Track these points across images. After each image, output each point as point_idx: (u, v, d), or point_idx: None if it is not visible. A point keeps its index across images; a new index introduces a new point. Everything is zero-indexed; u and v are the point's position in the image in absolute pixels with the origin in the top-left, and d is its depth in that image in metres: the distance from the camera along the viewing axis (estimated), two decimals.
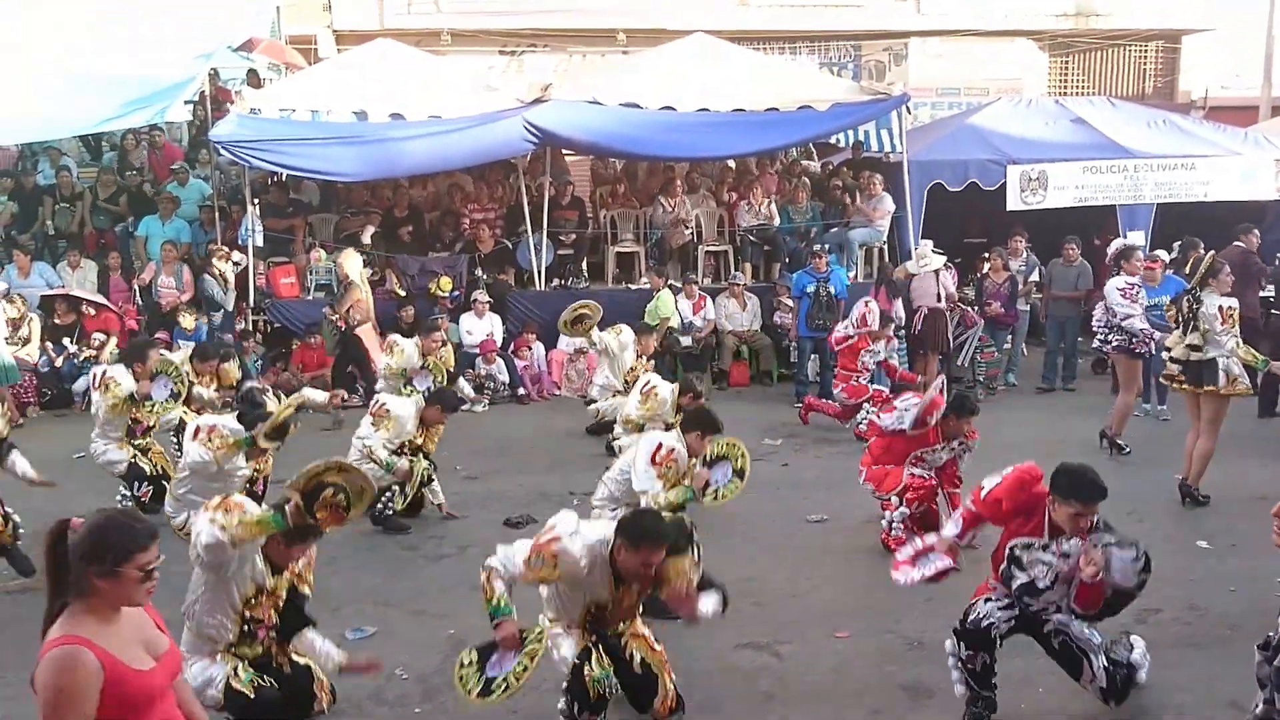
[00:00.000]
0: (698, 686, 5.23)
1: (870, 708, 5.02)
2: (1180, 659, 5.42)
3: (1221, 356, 7.55)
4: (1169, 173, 13.88)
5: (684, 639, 5.73)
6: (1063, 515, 4.57)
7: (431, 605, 6.23)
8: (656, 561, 4.30)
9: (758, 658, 5.59)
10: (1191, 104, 20.94)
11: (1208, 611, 6.00)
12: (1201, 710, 4.98)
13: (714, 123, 12.40)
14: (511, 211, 13.21)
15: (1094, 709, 4.95)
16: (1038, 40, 20.89)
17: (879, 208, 13.11)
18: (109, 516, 2.98)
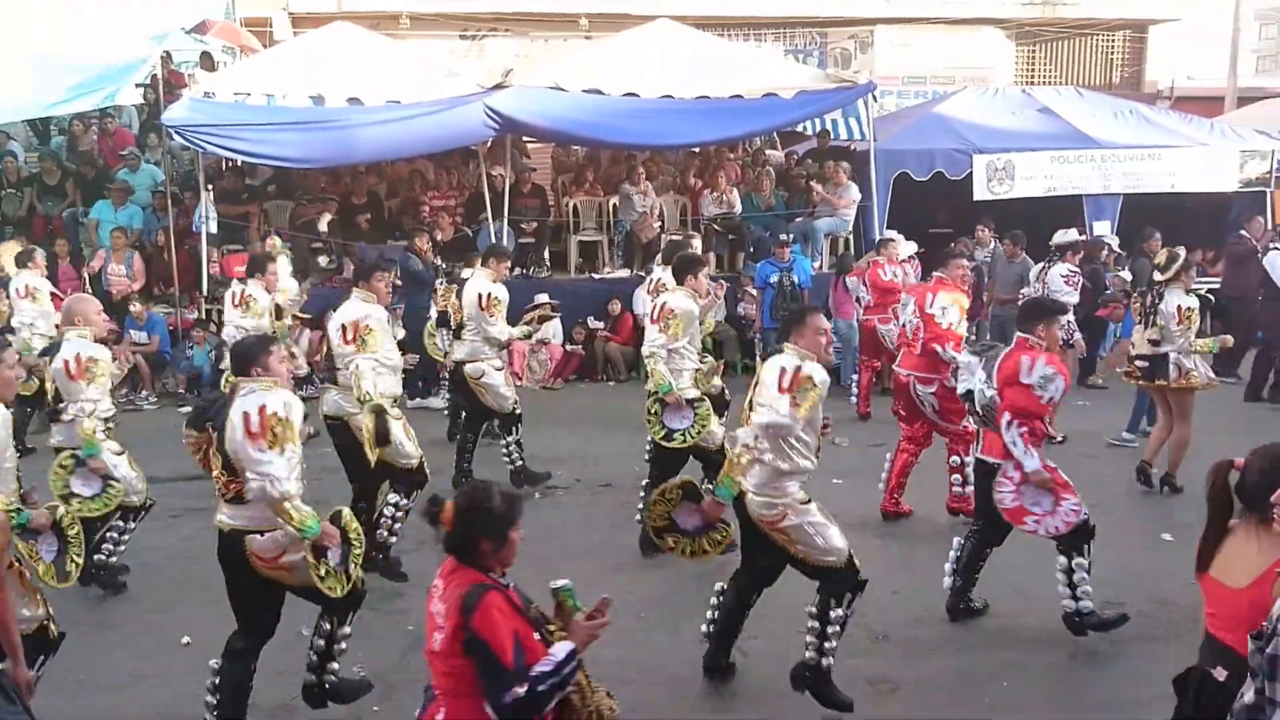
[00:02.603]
0: (660, 683, 5.24)
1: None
2: (1145, 652, 5.47)
3: (1173, 351, 7.68)
4: (1135, 163, 13.93)
5: (650, 638, 5.75)
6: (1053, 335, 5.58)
7: (389, 601, 6.10)
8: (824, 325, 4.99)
9: None
10: (1158, 94, 21.09)
11: (1172, 605, 6.01)
12: (1167, 702, 4.90)
13: (678, 110, 12.25)
14: (472, 199, 13.02)
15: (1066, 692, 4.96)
16: (1005, 29, 20.95)
17: (844, 197, 13.03)
18: None
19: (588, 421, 10.41)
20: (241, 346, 4.67)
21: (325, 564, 4.43)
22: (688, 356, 6.78)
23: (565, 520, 7.61)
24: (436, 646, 3.19)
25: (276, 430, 4.26)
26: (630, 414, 10.73)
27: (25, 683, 3.62)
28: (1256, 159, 14.34)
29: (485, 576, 3.22)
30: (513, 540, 3.30)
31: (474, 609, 3.09)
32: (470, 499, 3.31)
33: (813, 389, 4.75)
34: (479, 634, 3.07)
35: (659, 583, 6.46)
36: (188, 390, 11.58)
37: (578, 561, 6.72)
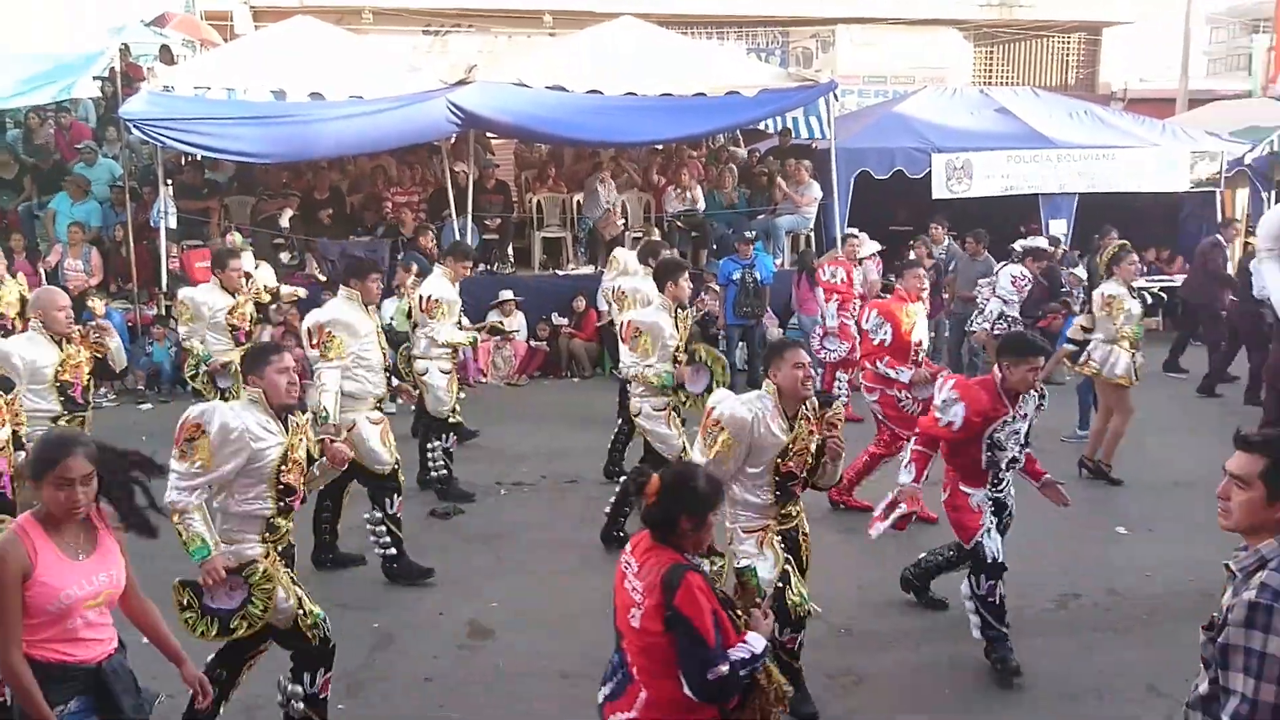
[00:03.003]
0: None
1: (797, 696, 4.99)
2: (1099, 643, 5.54)
3: (1098, 338, 7.96)
4: (1090, 163, 14.16)
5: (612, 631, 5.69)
6: (1019, 375, 5.13)
7: (356, 598, 6.07)
8: (804, 360, 4.64)
9: None
10: (1111, 95, 21.39)
11: (1126, 597, 6.11)
12: (1120, 693, 5.07)
13: (641, 107, 12.28)
14: (435, 195, 12.98)
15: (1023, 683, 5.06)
16: (963, 30, 21.17)
17: (806, 195, 13.14)
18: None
19: (553, 418, 10.43)
20: (245, 355, 4.61)
21: (188, 595, 4.14)
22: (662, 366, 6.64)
23: (531, 516, 7.61)
24: (635, 623, 3.26)
25: (193, 440, 4.09)
26: (595, 410, 10.77)
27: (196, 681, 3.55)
28: (1206, 160, 14.63)
29: (682, 556, 3.30)
30: (710, 524, 3.36)
31: (677, 588, 3.15)
32: (677, 476, 3.40)
33: (720, 432, 4.51)
34: (682, 612, 3.13)
35: None
36: (147, 387, 11.46)
37: (543, 557, 6.77)
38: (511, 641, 5.62)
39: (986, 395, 5.18)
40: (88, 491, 3.14)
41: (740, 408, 4.55)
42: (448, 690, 5.05)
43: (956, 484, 5.32)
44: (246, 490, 4.21)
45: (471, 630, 5.67)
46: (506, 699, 5.04)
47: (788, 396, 4.60)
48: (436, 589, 6.25)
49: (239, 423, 4.13)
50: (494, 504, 7.89)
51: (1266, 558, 2.75)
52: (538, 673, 5.27)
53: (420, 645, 5.54)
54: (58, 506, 3.12)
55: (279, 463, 4.21)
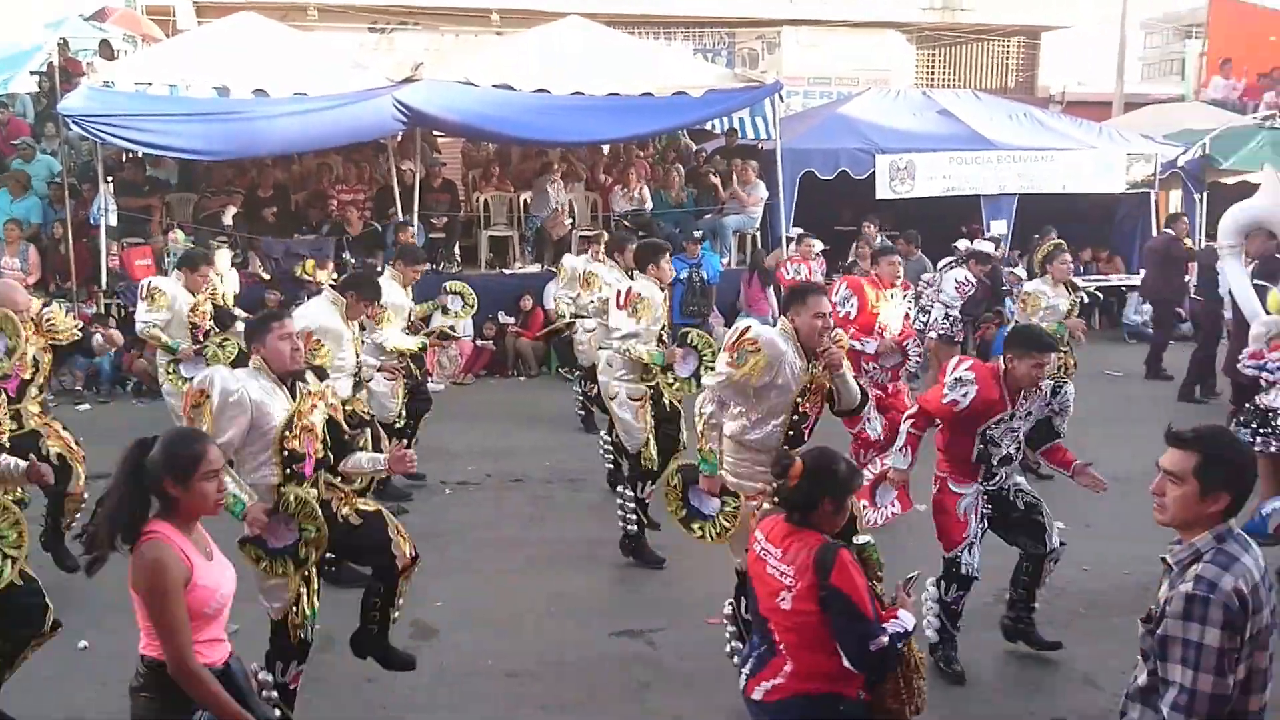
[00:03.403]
0: (571, 677, 5.25)
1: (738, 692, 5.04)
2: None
3: None
4: (1029, 164, 14.43)
5: (558, 629, 5.78)
6: (1023, 370, 4.98)
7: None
8: (826, 310, 4.68)
9: (631, 645, 5.60)
10: (1050, 98, 21.78)
11: (1063, 591, 6.16)
12: (1059, 686, 5.17)
13: (589, 106, 12.30)
14: (381, 193, 12.88)
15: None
16: (906, 33, 21.43)
17: (752, 194, 13.25)
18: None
19: (498, 417, 10.41)
20: (248, 324, 4.56)
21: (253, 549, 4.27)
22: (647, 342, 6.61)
23: (476, 516, 7.59)
24: (786, 605, 3.35)
25: (199, 406, 4.17)
26: (541, 409, 10.81)
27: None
28: (1141, 162, 14.99)
29: (825, 537, 3.41)
30: (847, 506, 3.53)
31: (831, 566, 3.28)
32: (819, 460, 3.52)
33: (754, 352, 4.57)
34: (840, 589, 3.26)
35: (570, 578, 6.48)
36: (85, 388, 11.27)
37: (489, 557, 6.75)
38: (457, 641, 5.59)
39: (998, 387, 5.05)
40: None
41: (775, 334, 4.66)
42: (390, 691, 5.01)
43: (946, 482, 5.22)
44: (254, 459, 4.27)
45: (415, 630, 5.62)
46: (451, 699, 5.03)
47: (804, 340, 4.68)
48: None
49: (237, 385, 4.19)
50: (439, 503, 7.86)
51: (1201, 551, 2.81)
52: (483, 672, 5.27)
53: None
54: (205, 500, 3.10)
55: (283, 428, 4.23)
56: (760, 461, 4.67)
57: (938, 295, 9.87)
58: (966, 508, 5.15)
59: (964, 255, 10.20)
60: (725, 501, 4.83)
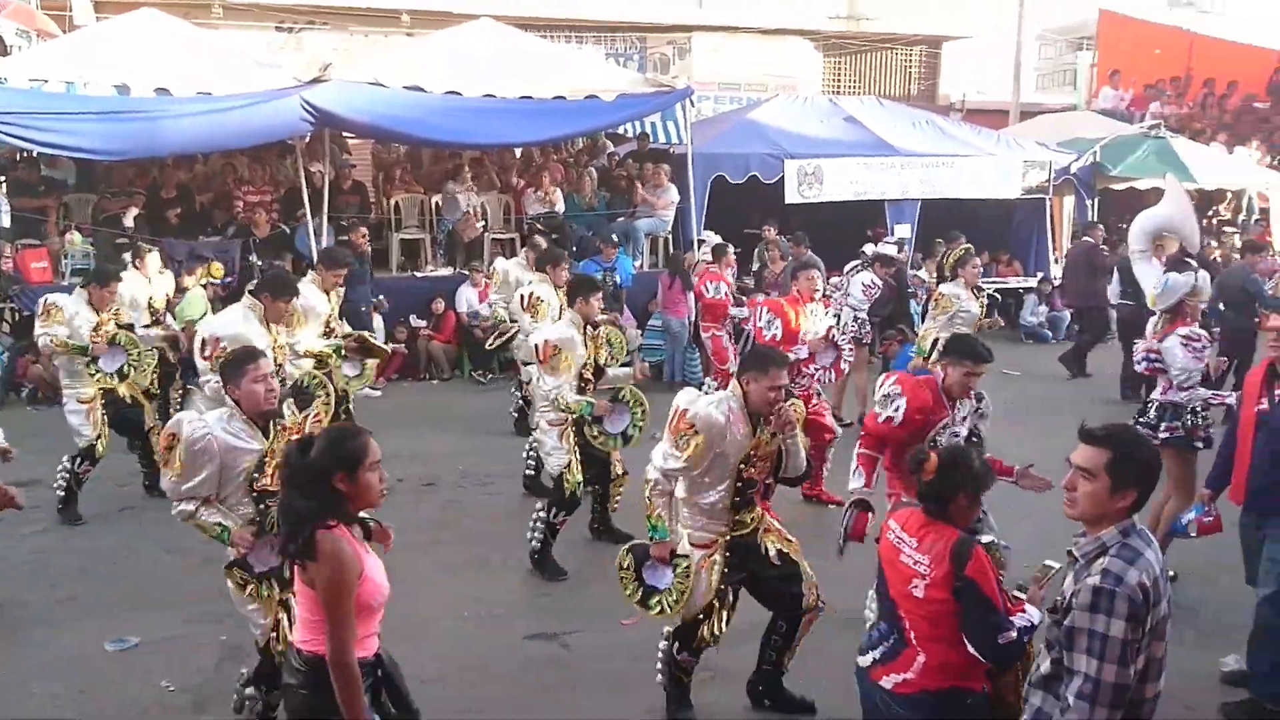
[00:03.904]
0: (487, 680, 5.24)
1: (653, 692, 5.07)
2: None
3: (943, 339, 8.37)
4: (931, 170, 14.83)
5: (475, 638, 5.73)
6: (956, 378, 5.13)
7: (202, 610, 5.87)
8: (783, 383, 4.59)
9: (547, 648, 5.61)
10: (950, 106, 22.37)
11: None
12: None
13: (501, 109, 12.31)
14: (289, 195, 12.69)
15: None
16: (813, 41, 21.79)
17: (664, 198, 13.39)
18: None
19: (410, 420, 10.31)
20: (224, 363, 4.50)
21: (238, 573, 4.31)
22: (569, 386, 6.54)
23: (389, 520, 7.49)
24: (920, 593, 3.45)
25: (171, 449, 4.18)
26: (454, 412, 10.77)
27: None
28: (1036, 169, 15.54)
29: (960, 531, 3.53)
30: (981, 501, 3.71)
31: (968, 559, 3.40)
32: (954, 456, 3.66)
33: (693, 435, 4.50)
34: (975, 580, 3.38)
35: (483, 582, 6.47)
36: None
37: (399, 562, 6.59)
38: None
39: (929, 393, 5.17)
40: None
41: (713, 409, 4.57)
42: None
43: (899, 498, 5.20)
44: (231, 496, 4.30)
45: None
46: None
47: (754, 406, 4.59)
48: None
49: (203, 432, 4.18)
50: None
51: (1107, 544, 2.89)
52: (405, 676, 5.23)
53: None
54: (371, 491, 3.17)
55: (253, 469, 4.25)
56: (711, 527, 4.70)
57: (845, 299, 10.11)
58: None
59: (869, 259, 10.45)
60: (676, 564, 4.77)
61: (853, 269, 10.54)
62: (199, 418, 4.31)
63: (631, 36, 20.40)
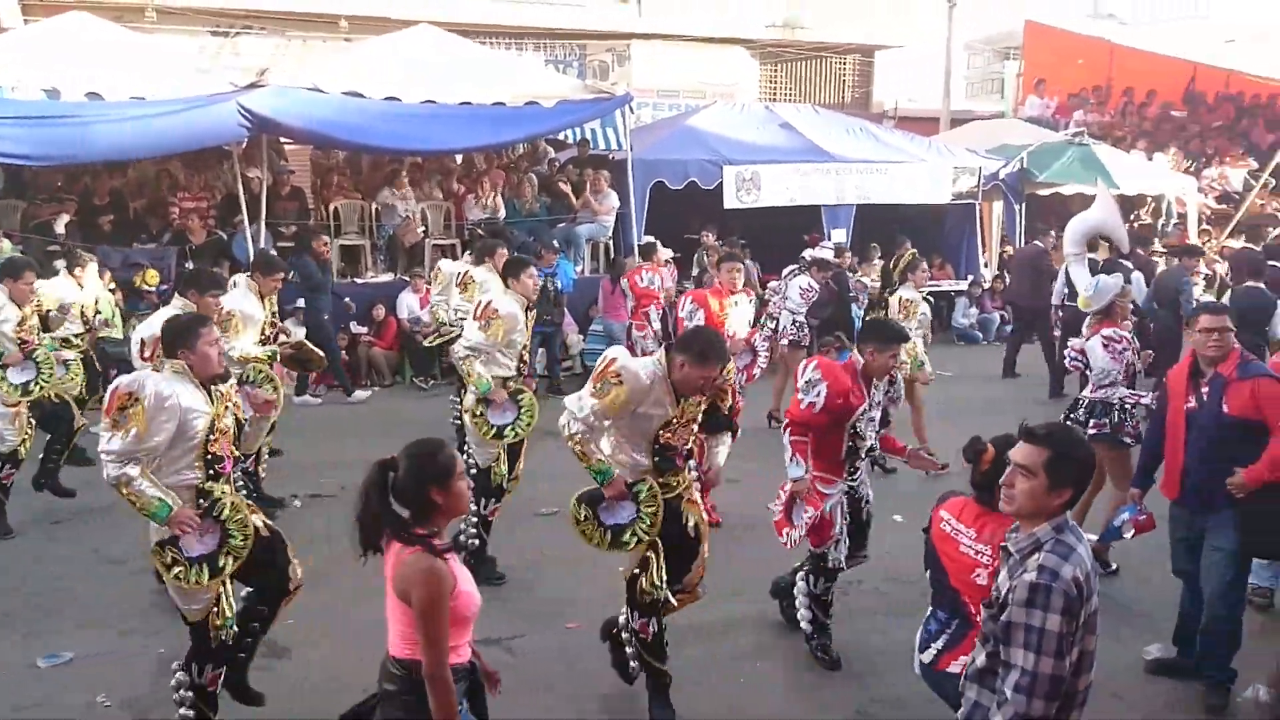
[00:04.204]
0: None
1: (599, 695, 5.15)
2: (879, 626, 5.89)
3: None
4: (866, 176, 15.11)
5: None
6: (881, 361, 5.31)
7: (139, 623, 5.80)
8: (713, 376, 4.59)
9: (489, 653, 5.41)
10: (884, 114, 22.78)
11: (902, 581, 6.48)
12: (897, 672, 5.35)
13: (441, 115, 12.26)
14: (226, 201, 12.55)
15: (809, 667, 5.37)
16: (750, 49, 22.01)
17: (604, 204, 13.48)
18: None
19: (352, 427, 10.29)
20: (172, 328, 4.43)
21: (170, 552, 4.23)
22: (505, 360, 6.57)
23: (330, 529, 7.22)
24: (982, 580, 3.63)
25: (126, 409, 4.11)
26: (397, 418, 10.72)
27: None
28: (966, 175, 15.93)
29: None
30: None
31: None
32: (1007, 446, 3.66)
33: (616, 384, 4.52)
34: None
35: None
36: None
37: (345, 570, 6.43)
38: (310, 658, 5.45)
39: (849, 377, 5.31)
40: None
41: (640, 370, 4.59)
42: (238, 709, 4.86)
43: (815, 483, 5.38)
44: (175, 462, 4.24)
45: (267, 649, 5.35)
46: (305, 716, 4.89)
47: (678, 385, 4.60)
48: None
49: (170, 390, 4.18)
50: (292, 517, 7.64)
51: (1041, 540, 2.98)
52: (338, 688, 4.93)
53: None
54: (461, 500, 3.25)
55: (207, 430, 4.24)
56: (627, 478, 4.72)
57: (784, 302, 10.29)
58: (833, 506, 5.40)
59: (807, 263, 10.66)
60: (637, 491, 4.73)
61: (790, 273, 10.70)
62: (161, 375, 4.29)
63: (571, 44, 20.43)
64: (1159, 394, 5.76)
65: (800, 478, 5.31)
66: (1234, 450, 5.03)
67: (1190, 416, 5.19)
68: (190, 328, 4.36)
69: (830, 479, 5.40)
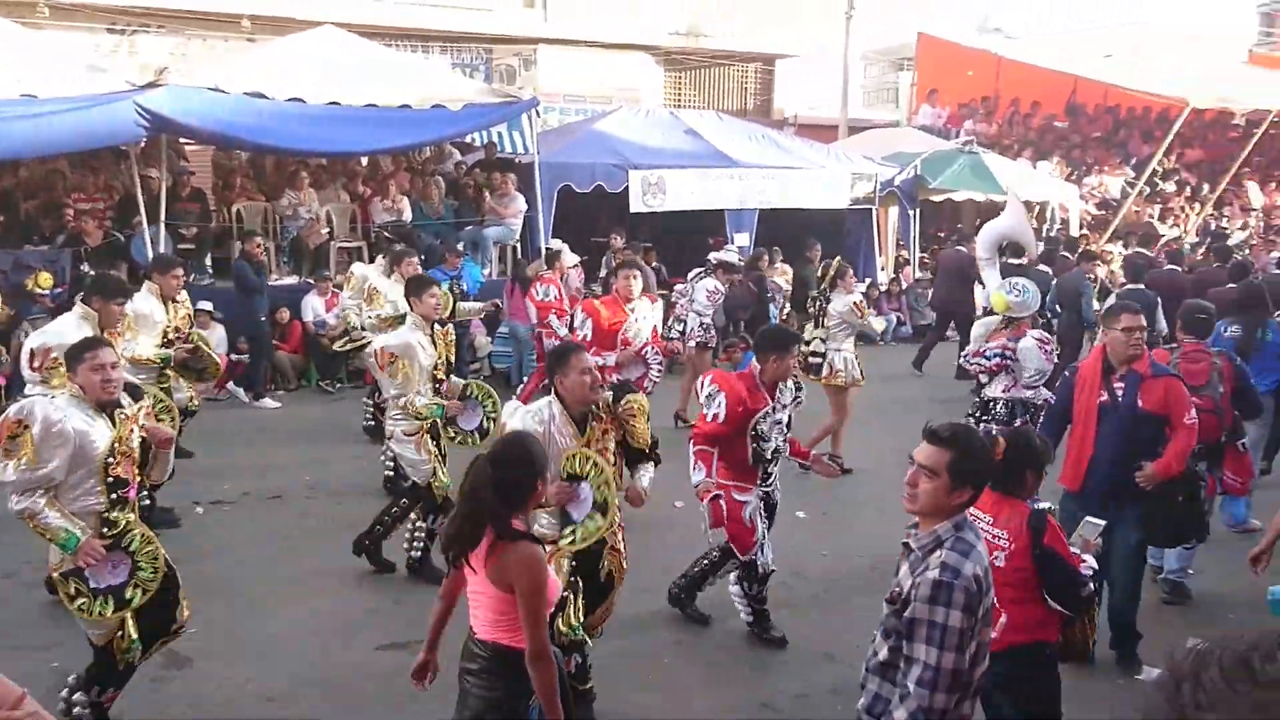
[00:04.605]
0: (334, 694, 5.18)
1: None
2: (782, 620, 6.01)
3: (834, 350, 8.86)
4: (768, 181, 15.45)
5: (321, 648, 5.68)
6: (780, 367, 5.54)
7: (31, 637, 5.61)
8: (590, 365, 4.71)
9: (399, 658, 5.48)
10: (784, 121, 23.21)
11: (804, 575, 6.68)
12: (801, 662, 5.63)
13: (346, 117, 12.14)
14: (124, 202, 12.25)
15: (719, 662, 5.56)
16: (654, 55, 22.22)
17: (511, 207, 13.55)
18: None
19: (255, 432, 10.17)
20: (67, 351, 4.40)
21: (74, 583, 4.17)
22: (423, 389, 6.44)
23: (234, 536, 7.32)
24: (1000, 563, 3.84)
25: (16, 437, 4.06)
26: (302, 423, 10.64)
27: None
28: (864, 181, 16.42)
29: (1030, 505, 3.97)
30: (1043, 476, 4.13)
31: (1044, 529, 3.87)
32: (1021, 438, 4.09)
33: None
34: (1054, 548, 3.86)
35: (332, 595, 6.36)
36: None
37: (247, 578, 6.52)
38: (211, 670, 5.37)
39: (744, 386, 5.49)
40: None
41: (529, 420, 4.63)
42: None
43: (730, 493, 5.50)
44: (76, 487, 4.18)
45: (167, 661, 5.27)
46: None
47: (574, 403, 4.65)
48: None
49: (59, 415, 4.12)
50: (192, 524, 7.50)
51: (942, 538, 3.04)
52: (239, 699, 5.10)
53: None
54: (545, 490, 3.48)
55: (106, 454, 4.18)
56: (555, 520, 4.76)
57: (690, 305, 10.50)
58: (751, 513, 5.62)
59: (712, 265, 10.89)
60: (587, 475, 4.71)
61: (696, 275, 10.94)
62: (52, 401, 4.25)
63: (477, 47, 20.37)
64: (1060, 387, 5.93)
65: (702, 482, 5.47)
66: (1141, 445, 5.31)
67: (1102, 410, 5.37)
68: (76, 353, 4.30)
69: (745, 486, 5.60)
